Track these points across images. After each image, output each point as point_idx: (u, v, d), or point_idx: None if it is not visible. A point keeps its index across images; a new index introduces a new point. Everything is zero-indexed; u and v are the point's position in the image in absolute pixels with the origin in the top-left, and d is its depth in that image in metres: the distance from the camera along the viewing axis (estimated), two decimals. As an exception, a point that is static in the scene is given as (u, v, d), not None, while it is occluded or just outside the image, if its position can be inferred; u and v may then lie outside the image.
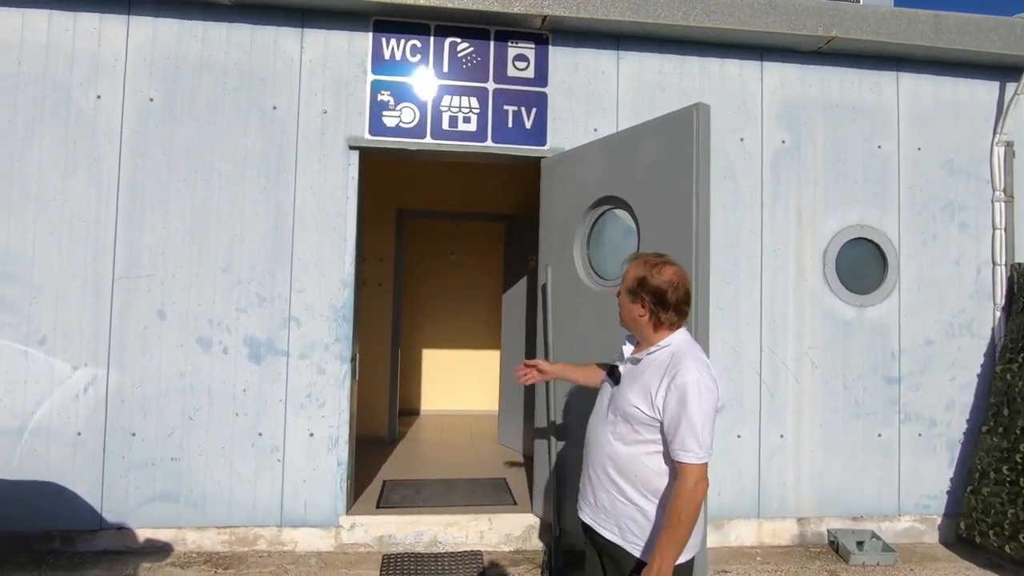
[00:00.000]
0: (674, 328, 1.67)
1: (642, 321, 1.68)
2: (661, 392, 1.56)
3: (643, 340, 1.72)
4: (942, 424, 3.69)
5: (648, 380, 1.61)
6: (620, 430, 1.64)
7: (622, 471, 1.63)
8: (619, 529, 1.65)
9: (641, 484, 1.61)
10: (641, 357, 1.68)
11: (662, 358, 1.63)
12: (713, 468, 3.39)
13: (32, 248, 3.13)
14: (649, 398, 1.58)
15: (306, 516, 3.26)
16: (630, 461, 1.62)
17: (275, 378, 3.27)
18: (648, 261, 1.69)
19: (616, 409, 1.67)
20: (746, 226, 3.58)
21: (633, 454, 1.61)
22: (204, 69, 3.27)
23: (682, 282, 1.66)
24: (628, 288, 1.70)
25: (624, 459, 1.62)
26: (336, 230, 3.33)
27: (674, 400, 1.54)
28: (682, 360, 1.58)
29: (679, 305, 1.65)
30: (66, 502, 3.11)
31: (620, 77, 3.55)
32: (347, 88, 3.36)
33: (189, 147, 3.24)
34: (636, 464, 1.61)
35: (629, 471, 1.62)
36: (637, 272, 1.68)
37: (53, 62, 3.18)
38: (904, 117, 3.74)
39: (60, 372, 3.13)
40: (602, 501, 1.68)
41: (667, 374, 1.57)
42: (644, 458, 1.60)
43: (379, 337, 5.33)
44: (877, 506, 3.62)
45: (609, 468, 1.65)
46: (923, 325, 3.69)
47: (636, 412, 1.60)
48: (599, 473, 1.68)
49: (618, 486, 1.64)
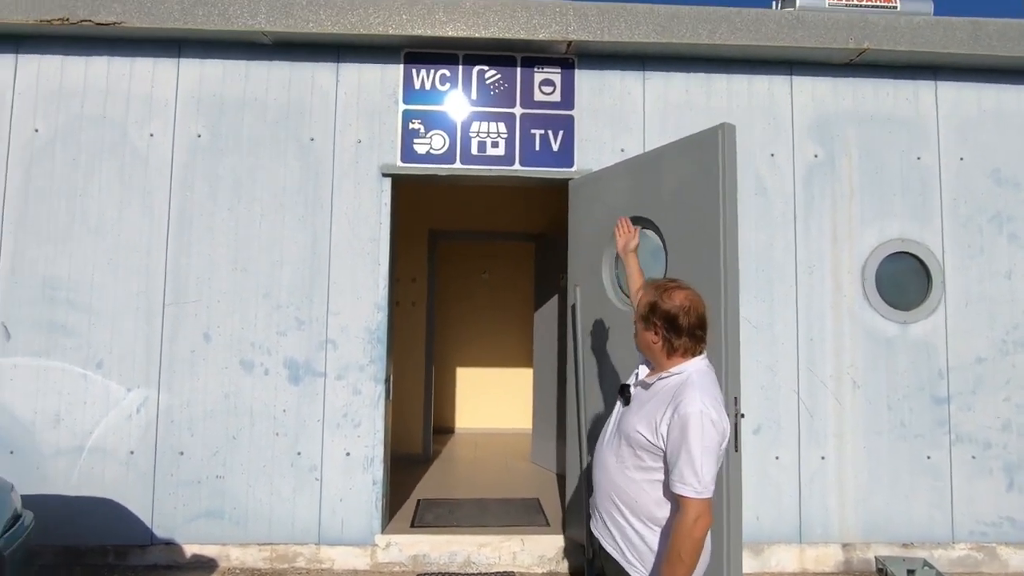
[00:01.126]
0: (688, 355, 1.63)
1: (656, 348, 1.65)
2: (665, 421, 1.53)
3: (657, 366, 1.69)
4: (998, 446, 3.50)
5: (654, 407, 1.58)
6: (623, 453, 1.62)
7: (623, 497, 1.61)
8: (621, 550, 1.64)
9: (641, 511, 1.59)
10: (652, 382, 1.65)
11: (671, 385, 1.60)
12: (751, 490, 3.34)
13: (91, 277, 3.35)
14: (653, 425, 1.55)
15: (343, 534, 3.34)
16: (631, 487, 1.59)
17: (313, 399, 3.37)
18: (659, 286, 1.67)
19: (621, 432, 1.65)
20: (779, 242, 3.52)
21: (634, 480, 1.59)
22: (247, 105, 3.46)
23: (694, 306, 1.62)
24: (641, 314, 1.68)
25: (626, 484, 1.61)
26: (370, 255, 3.44)
27: (676, 430, 1.50)
28: (688, 390, 1.53)
29: (692, 330, 1.61)
30: (119, 518, 3.27)
31: (646, 97, 3.57)
32: (380, 118, 3.50)
33: (233, 178, 3.43)
34: (637, 491, 1.58)
35: (630, 497, 1.60)
36: (648, 298, 1.66)
37: (111, 104, 3.42)
38: (944, 127, 3.62)
39: (115, 394, 3.32)
40: (606, 521, 1.68)
41: (672, 403, 1.54)
42: (645, 486, 1.57)
43: (413, 356, 5.43)
44: (928, 532, 3.45)
45: (612, 491, 1.65)
46: (972, 342, 3.53)
47: (639, 438, 1.57)
48: (603, 495, 1.68)
49: (619, 510, 1.62)
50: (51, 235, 3.35)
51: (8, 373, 3.29)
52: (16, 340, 3.30)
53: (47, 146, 3.39)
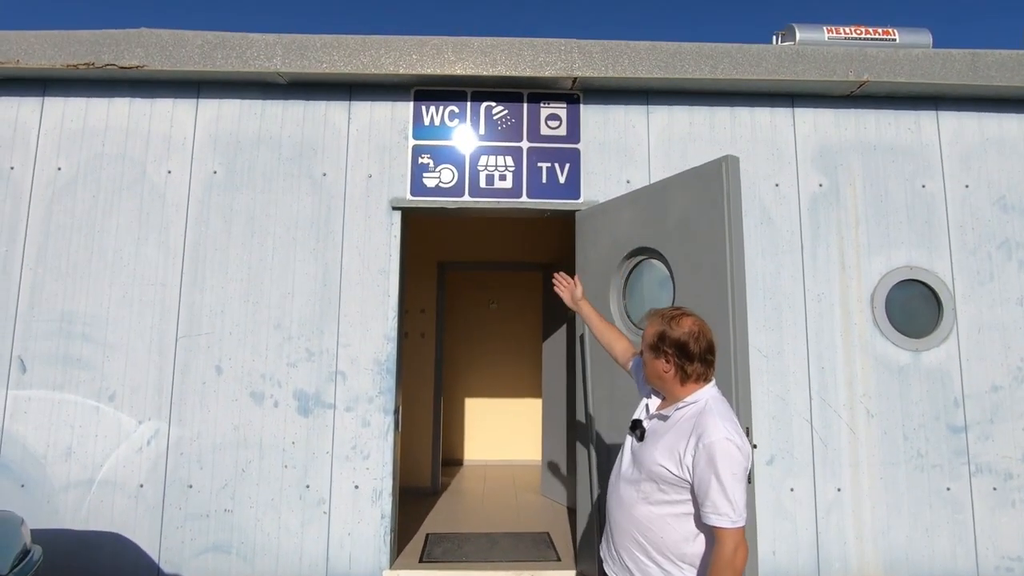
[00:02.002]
0: (701, 381, 1.61)
1: (668, 376, 1.63)
2: (689, 452, 1.50)
3: (670, 396, 1.66)
4: (1019, 477, 3.42)
5: (676, 438, 1.55)
6: (646, 489, 1.57)
7: (647, 534, 1.56)
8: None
9: (668, 548, 1.53)
10: (669, 413, 1.62)
11: (689, 415, 1.57)
12: (766, 523, 3.27)
13: (107, 311, 3.41)
14: (677, 457, 1.52)
15: (350, 570, 3.29)
16: (656, 522, 1.55)
17: (322, 431, 3.37)
18: (665, 315, 1.66)
19: (641, 467, 1.60)
20: (786, 271, 3.53)
21: (659, 515, 1.54)
22: (261, 142, 3.56)
23: (703, 332, 1.62)
24: (650, 345, 1.66)
25: (650, 520, 1.55)
26: (380, 287, 3.48)
27: (703, 461, 1.47)
28: (709, 418, 1.52)
29: (704, 355, 1.60)
30: (126, 552, 3.25)
31: (651, 130, 3.65)
32: (390, 153, 3.59)
33: (247, 214, 3.51)
34: (662, 526, 1.54)
35: (655, 533, 1.55)
36: (656, 328, 1.65)
37: (132, 143, 3.54)
38: (948, 155, 3.66)
39: (126, 426, 3.34)
40: (625, 561, 1.62)
41: (694, 432, 1.52)
42: (671, 520, 1.53)
43: (422, 387, 5.42)
44: (951, 568, 3.35)
45: (632, 529, 1.59)
46: (987, 370, 3.49)
47: (663, 472, 1.53)
48: (622, 533, 1.62)
49: (643, 547, 1.57)
50: (69, 270, 3.43)
51: (23, 406, 3.32)
52: (32, 373, 3.35)
53: (69, 184, 3.49)
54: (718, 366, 2.44)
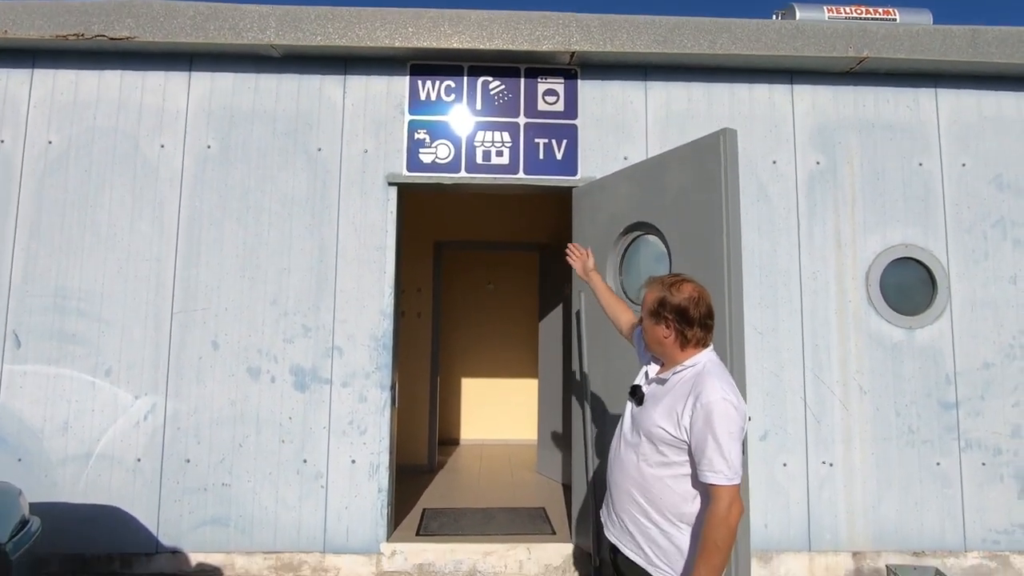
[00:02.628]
0: (700, 346, 1.64)
1: (668, 342, 1.65)
2: (687, 412, 1.53)
3: (669, 361, 1.68)
4: (1008, 452, 3.47)
5: (674, 400, 1.58)
6: (645, 451, 1.61)
7: (647, 494, 1.60)
8: (645, 554, 1.62)
9: (667, 508, 1.57)
10: (667, 377, 1.65)
11: (687, 377, 1.60)
12: (758, 497, 3.31)
13: (102, 286, 3.39)
14: (675, 418, 1.55)
15: (348, 542, 3.32)
16: (655, 484, 1.58)
17: (319, 406, 3.39)
18: (665, 281, 1.69)
19: (640, 429, 1.64)
20: (782, 249, 3.53)
21: (658, 476, 1.58)
22: (256, 116, 3.52)
23: (702, 297, 1.65)
24: (650, 311, 1.68)
25: (649, 481, 1.59)
26: (376, 263, 3.47)
27: (700, 420, 1.50)
28: (707, 379, 1.55)
29: (703, 320, 1.63)
30: (126, 526, 3.27)
31: (648, 106, 3.62)
32: (386, 128, 3.55)
33: (242, 189, 3.48)
34: (661, 487, 1.58)
35: (654, 494, 1.58)
36: (656, 294, 1.68)
37: (124, 116, 3.49)
38: (946, 133, 3.65)
39: (123, 401, 3.34)
40: (626, 523, 1.66)
41: (692, 393, 1.55)
42: (670, 481, 1.57)
43: (418, 367, 5.44)
44: (940, 541, 3.41)
45: (633, 490, 1.62)
46: (979, 347, 3.52)
47: (662, 433, 1.57)
48: (623, 495, 1.66)
49: (643, 509, 1.60)
50: (63, 245, 3.40)
51: (19, 380, 3.32)
52: (27, 348, 3.34)
53: (60, 157, 3.45)
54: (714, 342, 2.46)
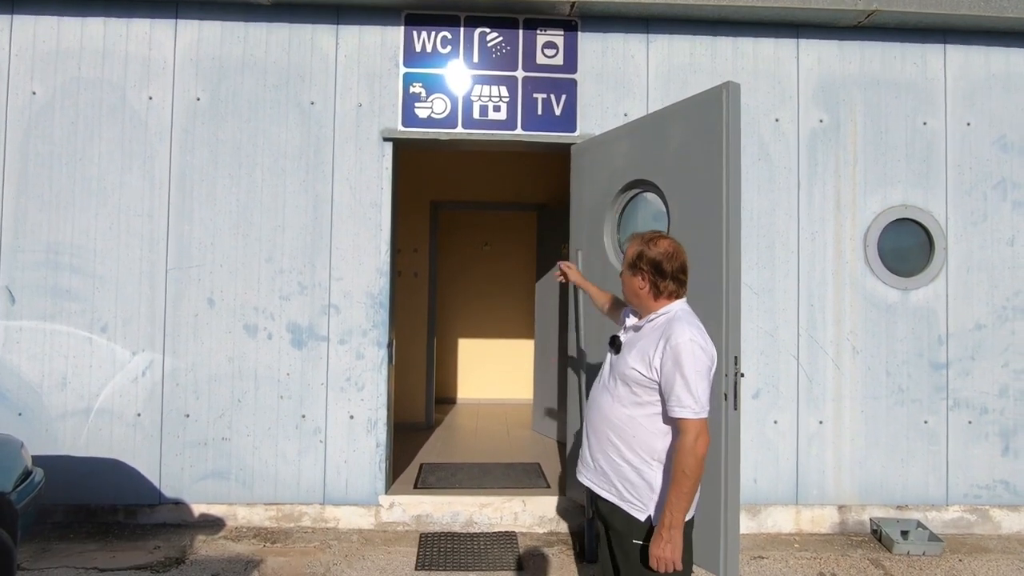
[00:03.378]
0: (673, 297, 1.75)
1: (643, 292, 1.76)
2: (658, 354, 1.64)
3: (644, 310, 1.79)
4: (994, 411, 3.54)
5: (646, 344, 1.69)
6: (620, 393, 1.72)
7: (621, 434, 1.71)
8: (617, 491, 1.73)
9: (639, 446, 1.68)
10: (642, 324, 1.77)
11: (659, 324, 1.72)
12: (749, 454, 3.39)
13: (94, 241, 3.35)
14: (647, 360, 1.66)
15: (347, 495, 3.40)
16: (629, 423, 1.69)
17: (316, 363, 3.41)
18: (644, 237, 1.79)
19: (617, 374, 1.75)
20: (781, 209, 3.51)
21: (631, 416, 1.69)
22: (246, 68, 3.42)
23: (676, 253, 1.75)
24: (629, 263, 1.78)
25: (623, 421, 1.70)
26: (372, 220, 3.44)
27: (670, 360, 1.61)
28: (676, 324, 1.66)
29: (676, 274, 1.73)
30: (128, 478, 3.33)
31: (650, 61, 3.53)
32: (380, 82, 3.46)
33: (233, 143, 3.41)
34: (634, 426, 1.69)
35: (628, 433, 1.70)
36: (635, 248, 1.78)
37: (109, 66, 3.38)
38: (952, 91, 3.58)
39: (121, 357, 3.35)
40: (601, 464, 1.76)
41: (663, 337, 1.66)
42: (642, 420, 1.68)
43: (415, 327, 5.46)
44: (923, 495, 3.51)
45: (608, 431, 1.73)
46: (973, 309, 3.54)
47: (635, 374, 1.68)
48: (599, 437, 1.76)
49: (617, 448, 1.71)
50: (52, 200, 3.35)
51: (14, 336, 3.32)
52: (21, 304, 3.32)
53: (45, 109, 3.36)
54: (709, 302, 2.47)
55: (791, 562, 3.13)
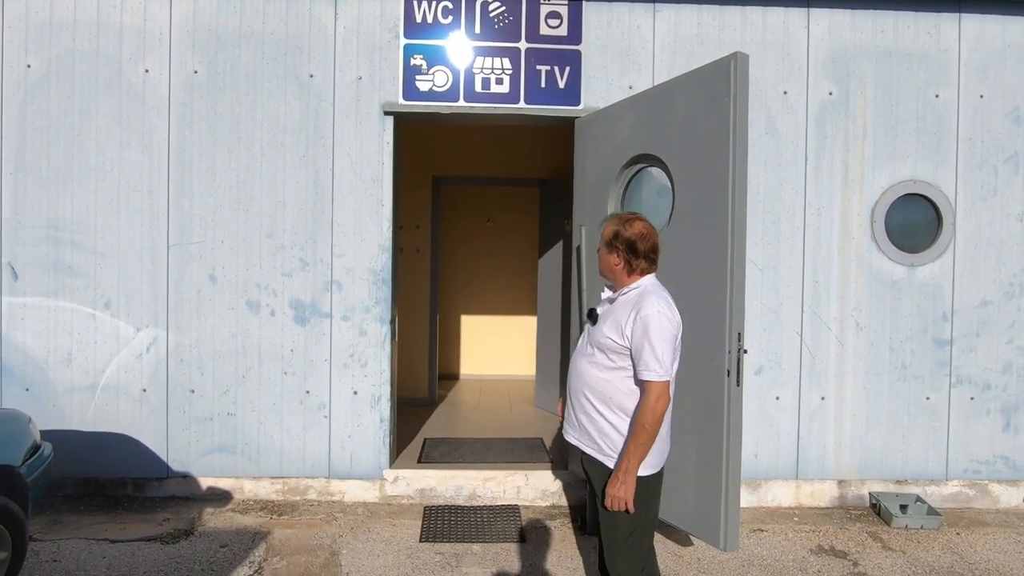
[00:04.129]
0: (644, 273, 1.94)
1: (617, 269, 1.95)
2: (629, 324, 1.84)
3: (617, 284, 1.98)
4: (997, 387, 3.54)
5: (619, 315, 1.89)
6: (597, 358, 1.93)
7: (598, 394, 1.92)
8: (597, 445, 1.94)
9: (614, 404, 1.90)
10: (616, 297, 1.97)
11: (632, 297, 1.91)
12: (750, 429, 3.41)
13: (94, 217, 3.34)
14: (619, 329, 1.86)
15: (352, 469, 3.44)
16: (605, 385, 1.91)
17: (319, 339, 3.42)
18: (621, 218, 1.97)
19: (594, 342, 1.95)
20: (788, 184, 3.46)
21: (607, 379, 1.90)
22: (243, 39, 3.35)
23: (649, 234, 1.93)
24: (606, 241, 1.96)
25: (600, 383, 1.91)
26: (373, 195, 3.41)
27: (640, 330, 1.82)
28: (646, 297, 1.87)
29: (647, 254, 1.92)
30: (136, 452, 3.38)
31: (656, 31, 3.44)
32: (380, 54, 3.39)
33: (232, 117, 3.36)
34: (610, 387, 1.90)
35: (605, 393, 1.91)
36: (613, 227, 1.95)
37: (104, 38, 3.32)
38: (966, 62, 3.49)
39: (125, 333, 3.36)
40: (583, 422, 1.97)
41: (634, 309, 1.85)
42: (617, 382, 1.89)
43: (418, 303, 5.46)
44: (923, 470, 3.54)
45: (587, 392, 1.94)
46: (979, 285, 3.52)
47: (609, 342, 1.88)
48: (580, 398, 1.97)
49: (596, 408, 1.93)
50: (51, 175, 3.32)
51: (19, 312, 3.33)
52: (24, 280, 3.32)
53: (41, 83, 3.31)
54: (712, 277, 2.45)
55: (790, 535, 3.18)
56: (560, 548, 2.98)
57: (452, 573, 2.74)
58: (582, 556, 2.91)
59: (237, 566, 2.75)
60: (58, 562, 2.73)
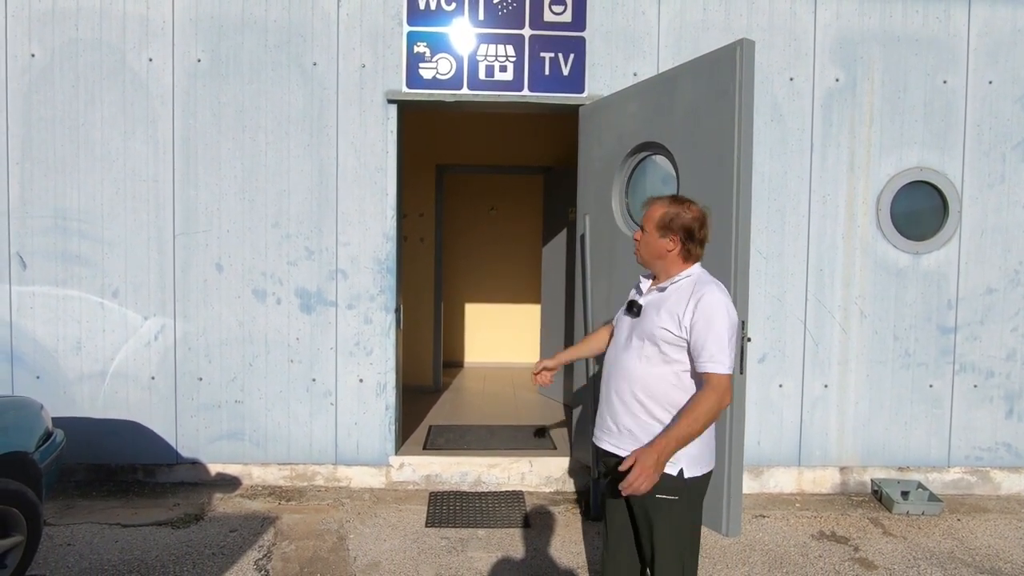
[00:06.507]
0: (695, 261, 1.82)
1: (671, 255, 1.79)
2: (688, 314, 1.69)
3: (663, 273, 1.83)
4: (1000, 375, 3.54)
5: (674, 304, 1.73)
6: (648, 353, 1.75)
7: (650, 392, 1.74)
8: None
9: (667, 402, 1.73)
10: (666, 286, 1.80)
11: (685, 285, 1.77)
12: (753, 417, 3.43)
13: (100, 206, 3.36)
14: (677, 319, 1.71)
15: (358, 455, 3.49)
16: (659, 382, 1.73)
17: (325, 327, 3.44)
18: (677, 200, 1.82)
19: (643, 334, 1.77)
20: (793, 172, 3.44)
21: (661, 375, 1.73)
22: (246, 27, 3.34)
23: (705, 220, 1.82)
24: (659, 224, 1.79)
25: (653, 380, 1.74)
26: (377, 184, 3.41)
27: (702, 320, 1.67)
28: (706, 286, 1.73)
29: (703, 241, 1.81)
30: (145, 439, 3.43)
31: (661, 17, 3.41)
32: (384, 41, 3.37)
33: (236, 106, 3.36)
34: (664, 384, 1.73)
35: (658, 392, 1.73)
36: (668, 208, 1.79)
37: (107, 27, 3.31)
38: (975, 48, 3.45)
39: (132, 321, 3.40)
40: (627, 425, 1.77)
41: (692, 298, 1.71)
42: (671, 378, 1.73)
43: (422, 291, 5.48)
44: (925, 457, 3.56)
45: (636, 391, 1.75)
46: (985, 273, 3.51)
47: (665, 333, 1.71)
48: (624, 398, 1.78)
49: (646, 408, 1.74)
50: (57, 165, 3.33)
51: (28, 302, 3.36)
52: (32, 269, 3.35)
53: (45, 72, 3.31)
54: (718, 266, 2.45)
55: (792, 521, 3.21)
56: (564, 533, 3.02)
57: (458, 557, 2.78)
58: (585, 541, 2.95)
59: (247, 550, 2.80)
60: (72, 546, 2.79)
